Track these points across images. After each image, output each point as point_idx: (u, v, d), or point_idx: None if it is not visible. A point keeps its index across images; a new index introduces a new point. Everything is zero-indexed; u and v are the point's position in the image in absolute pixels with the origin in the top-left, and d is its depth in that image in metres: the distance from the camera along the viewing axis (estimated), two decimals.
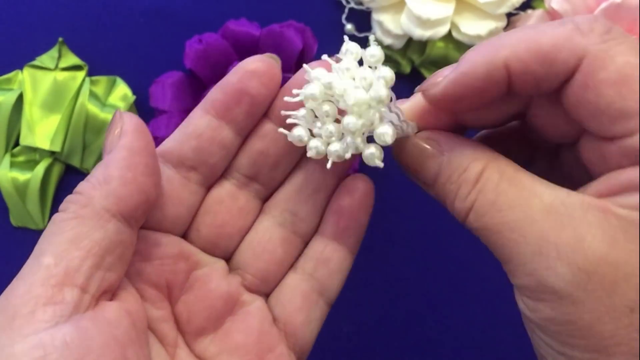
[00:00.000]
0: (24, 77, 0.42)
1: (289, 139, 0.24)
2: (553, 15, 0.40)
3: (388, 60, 0.43)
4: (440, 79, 0.21)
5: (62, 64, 0.42)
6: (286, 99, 0.24)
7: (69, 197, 0.23)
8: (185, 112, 0.40)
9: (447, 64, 0.42)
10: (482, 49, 0.20)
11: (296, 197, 0.26)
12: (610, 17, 0.39)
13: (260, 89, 0.24)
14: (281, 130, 0.24)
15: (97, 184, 0.22)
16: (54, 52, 0.43)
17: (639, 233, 0.18)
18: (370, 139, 0.23)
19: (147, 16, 0.45)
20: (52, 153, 0.42)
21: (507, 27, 0.41)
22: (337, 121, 0.23)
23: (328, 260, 0.26)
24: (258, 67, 0.24)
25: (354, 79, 0.22)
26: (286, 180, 0.27)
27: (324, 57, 0.24)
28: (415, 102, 0.23)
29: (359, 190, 0.26)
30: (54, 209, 0.43)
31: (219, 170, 0.26)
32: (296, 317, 0.26)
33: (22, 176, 0.41)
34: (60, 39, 0.43)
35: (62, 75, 0.42)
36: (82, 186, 0.23)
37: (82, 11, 0.45)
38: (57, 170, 0.42)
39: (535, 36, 0.19)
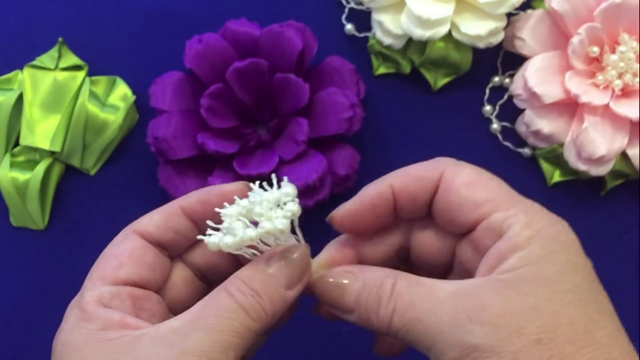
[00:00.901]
0: (24, 77, 0.42)
1: (207, 244, 0.26)
2: (553, 15, 0.40)
3: (388, 60, 0.44)
4: (344, 204, 0.28)
5: (62, 64, 0.42)
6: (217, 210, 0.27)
7: None
8: (185, 112, 0.40)
9: (447, 64, 0.42)
10: (371, 184, 0.28)
11: None
12: (609, 17, 0.39)
13: None
14: (200, 237, 0.27)
15: None
16: (54, 52, 0.43)
17: (520, 286, 0.23)
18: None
19: (147, 16, 0.45)
20: (52, 153, 0.42)
21: (507, 27, 0.41)
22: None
23: None
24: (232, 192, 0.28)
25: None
26: None
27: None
28: (328, 252, 0.29)
29: None
30: (54, 209, 0.43)
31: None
32: None
33: (22, 176, 0.41)
34: (60, 39, 0.43)
35: (62, 75, 0.42)
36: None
37: (82, 11, 0.45)
38: (57, 170, 0.42)
39: (408, 168, 0.28)
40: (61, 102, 0.42)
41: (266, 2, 0.45)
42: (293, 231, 0.27)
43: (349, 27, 0.44)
